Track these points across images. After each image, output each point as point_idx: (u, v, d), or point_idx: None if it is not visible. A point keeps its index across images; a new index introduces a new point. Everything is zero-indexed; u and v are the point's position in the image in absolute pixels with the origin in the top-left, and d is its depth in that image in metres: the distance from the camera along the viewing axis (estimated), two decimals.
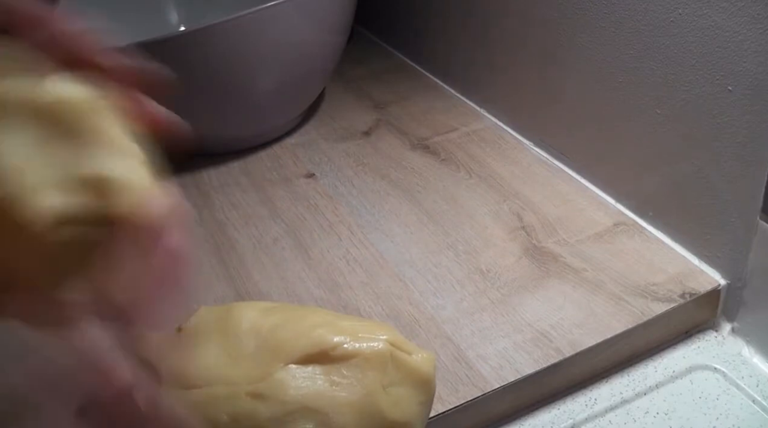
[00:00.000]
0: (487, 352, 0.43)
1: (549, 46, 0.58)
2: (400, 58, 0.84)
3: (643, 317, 0.45)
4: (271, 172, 0.64)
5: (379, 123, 0.70)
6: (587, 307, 0.46)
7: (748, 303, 0.46)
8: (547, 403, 0.44)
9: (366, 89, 0.77)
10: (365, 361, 0.35)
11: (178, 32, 0.57)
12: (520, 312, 0.46)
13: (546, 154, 0.62)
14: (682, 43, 0.45)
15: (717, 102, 0.44)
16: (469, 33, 0.69)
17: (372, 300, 0.48)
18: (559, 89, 0.58)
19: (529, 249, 0.51)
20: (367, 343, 0.36)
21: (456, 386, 0.41)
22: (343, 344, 0.36)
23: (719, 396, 0.43)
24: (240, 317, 0.37)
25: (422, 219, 0.55)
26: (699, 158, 0.47)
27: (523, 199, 0.57)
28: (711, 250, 0.48)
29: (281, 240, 0.54)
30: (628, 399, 0.43)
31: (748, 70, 0.42)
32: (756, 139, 0.42)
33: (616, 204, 0.55)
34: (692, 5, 0.44)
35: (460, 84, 0.74)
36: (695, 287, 0.47)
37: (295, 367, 0.35)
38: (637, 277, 0.48)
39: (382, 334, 0.37)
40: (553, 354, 0.43)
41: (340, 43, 0.68)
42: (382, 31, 0.89)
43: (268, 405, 0.34)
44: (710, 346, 0.47)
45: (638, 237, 0.51)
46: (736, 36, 0.42)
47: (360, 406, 0.34)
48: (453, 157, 0.63)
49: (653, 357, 0.46)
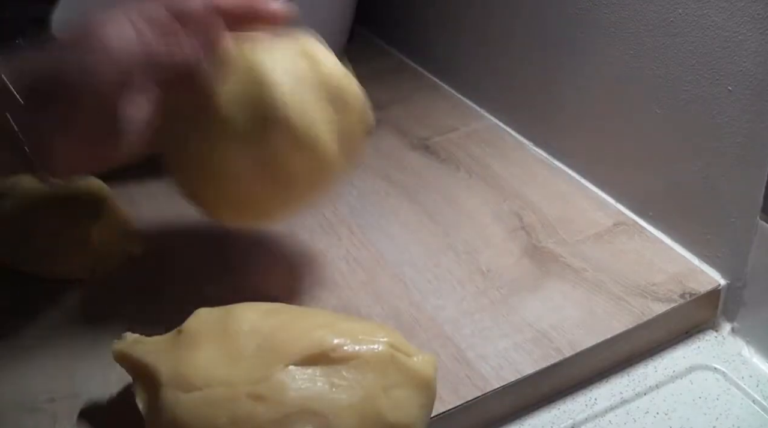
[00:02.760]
0: (487, 352, 0.43)
1: (549, 47, 0.58)
2: (400, 58, 0.84)
3: (643, 317, 0.45)
4: None
5: (379, 123, 0.69)
6: (587, 307, 0.46)
7: (748, 303, 0.46)
8: (547, 403, 0.44)
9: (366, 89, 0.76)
10: (365, 363, 0.35)
11: None
12: (520, 312, 0.46)
13: (546, 154, 0.62)
14: (682, 43, 0.45)
15: (717, 102, 0.44)
16: (469, 33, 0.69)
17: (372, 300, 0.48)
18: (560, 89, 0.58)
19: (529, 249, 0.51)
20: (368, 345, 0.36)
21: (456, 386, 0.41)
22: (343, 346, 0.36)
23: (719, 396, 0.43)
24: (240, 318, 0.37)
25: (422, 219, 0.55)
26: (699, 158, 0.47)
27: (523, 198, 0.57)
28: (711, 250, 0.48)
29: (281, 240, 0.54)
30: (628, 399, 0.43)
31: (748, 70, 0.42)
32: (756, 139, 0.43)
33: (616, 204, 0.55)
34: (692, 5, 0.44)
35: (460, 84, 0.74)
36: (695, 287, 0.47)
37: (295, 369, 0.35)
38: (637, 277, 0.48)
39: (383, 336, 0.37)
40: (553, 354, 0.43)
41: (340, 43, 0.68)
42: (382, 31, 0.89)
43: (267, 407, 0.34)
44: (710, 346, 0.47)
45: (638, 237, 0.51)
46: (736, 36, 0.42)
47: (360, 409, 0.34)
48: (453, 157, 0.63)
49: (653, 357, 0.46)
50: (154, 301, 0.48)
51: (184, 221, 0.57)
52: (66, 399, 0.42)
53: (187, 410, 0.34)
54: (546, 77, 0.60)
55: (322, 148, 0.41)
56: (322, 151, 0.41)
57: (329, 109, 0.42)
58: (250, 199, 0.43)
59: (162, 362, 0.36)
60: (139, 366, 0.37)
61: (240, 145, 0.40)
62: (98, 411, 0.41)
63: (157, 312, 0.47)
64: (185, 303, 0.48)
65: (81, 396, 0.42)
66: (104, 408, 0.41)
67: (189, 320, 0.38)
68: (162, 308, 0.47)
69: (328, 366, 0.35)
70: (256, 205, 0.44)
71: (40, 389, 0.42)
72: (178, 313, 0.41)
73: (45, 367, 0.44)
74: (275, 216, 0.47)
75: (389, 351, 0.36)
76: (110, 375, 0.41)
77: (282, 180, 0.41)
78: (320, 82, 0.42)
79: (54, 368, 0.44)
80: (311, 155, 0.41)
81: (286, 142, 0.40)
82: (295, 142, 0.40)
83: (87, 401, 0.41)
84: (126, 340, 0.39)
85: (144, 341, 0.38)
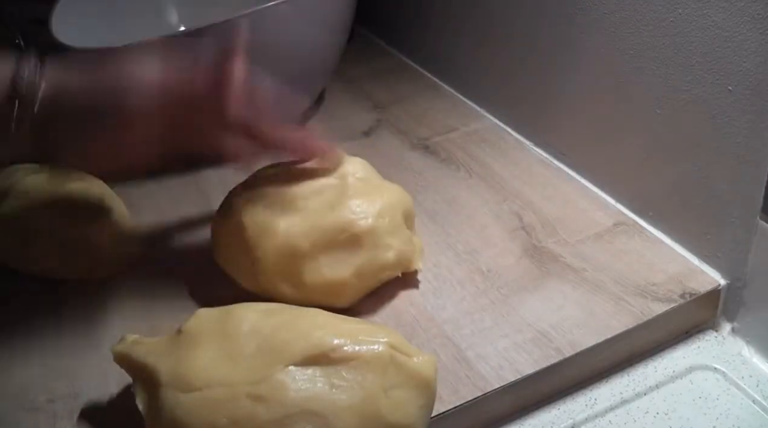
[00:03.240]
0: (487, 352, 0.43)
1: (549, 47, 0.58)
2: (400, 58, 0.84)
3: (643, 317, 0.45)
4: None
5: (379, 123, 0.70)
6: (587, 307, 0.46)
7: (748, 303, 0.46)
8: (547, 403, 0.44)
9: (366, 89, 0.77)
10: (365, 364, 0.35)
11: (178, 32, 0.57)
12: (520, 312, 0.46)
13: (546, 154, 0.62)
14: (683, 43, 0.45)
15: (717, 102, 0.44)
16: (469, 33, 0.69)
17: (372, 301, 0.48)
18: (560, 89, 0.58)
19: (529, 249, 0.51)
20: (368, 346, 0.36)
21: (456, 386, 0.41)
22: (343, 346, 0.36)
23: (719, 396, 0.43)
24: (240, 318, 0.37)
25: (422, 219, 0.55)
26: (699, 158, 0.47)
27: (523, 199, 0.57)
28: (711, 250, 0.48)
29: None
30: (628, 399, 0.43)
31: (748, 70, 0.42)
32: (756, 139, 0.42)
33: (616, 204, 0.55)
34: (692, 5, 0.44)
35: (460, 84, 0.74)
36: (695, 287, 0.47)
37: (295, 369, 0.35)
38: (637, 277, 0.48)
39: (383, 337, 0.37)
40: (553, 354, 0.43)
41: (340, 43, 0.68)
42: (382, 31, 0.89)
43: (267, 408, 0.34)
44: (710, 346, 0.47)
45: (638, 237, 0.51)
46: (736, 36, 0.42)
47: (360, 409, 0.34)
48: (453, 157, 0.63)
49: (653, 357, 0.46)
50: (153, 302, 0.48)
51: (184, 221, 0.57)
52: (66, 399, 0.42)
53: (186, 410, 0.34)
54: (546, 77, 0.60)
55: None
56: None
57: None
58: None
59: (162, 363, 0.36)
60: (139, 366, 0.37)
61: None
62: (98, 411, 0.41)
63: (157, 312, 0.47)
64: (185, 303, 0.48)
65: (81, 396, 0.42)
66: (104, 408, 0.41)
67: (189, 320, 0.38)
68: (161, 309, 0.47)
69: (328, 366, 0.35)
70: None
71: (40, 389, 0.42)
72: (178, 314, 0.41)
73: (45, 367, 0.44)
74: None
75: (389, 352, 0.36)
76: (110, 375, 0.41)
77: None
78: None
79: (54, 368, 0.44)
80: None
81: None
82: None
83: (87, 401, 0.41)
84: (126, 341, 0.39)
85: (144, 342, 0.38)
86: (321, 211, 0.45)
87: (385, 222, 0.45)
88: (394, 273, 0.46)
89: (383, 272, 0.46)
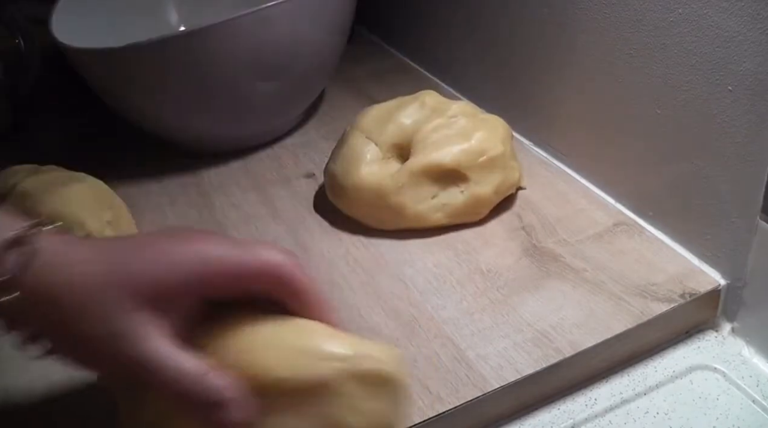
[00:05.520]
0: (487, 352, 0.43)
1: (549, 47, 0.58)
2: (400, 58, 0.84)
3: (643, 317, 0.45)
4: (271, 172, 0.64)
5: None
6: (587, 307, 0.46)
7: (748, 303, 0.46)
8: (547, 403, 0.44)
9: (366, 89, 0.77)
10: (322, 388, 0.33)
11: (178, 32, 0.57)
12: (520, 312, 0.46)
13: (546, 154, 0.62)
14: (682, 43, 0.45)
15: (717, 102, 0.44)
16: (469, 33, 0.69)
17: (372, 300, 0.48)
18: (559, 89, 0.58)
19: (529, 249, 0.51)
20: (311, 370, 0.33)
21: (456, 386, 0.41)
22: (289, 380, 0.33)
23: (719, 396, 0.43)
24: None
25: None
26: (699, 158, 0.47)
27: (523, 198, 0.57)
28: (711, 250, 0.48)
29: (281, 240, 0.54)
30: (628, 399, 0.43)
31: (748, 70, 0.42)
32: (756, 139, 0.42)
33: (616, 204, 0.55)
34: (692, 5, 0.44)
35: (460, 84, 0.74)
36: (695, 287, 0.47)
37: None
38: (637, 277, 0.48)
39: (336, 349, 0.34)
40: (553, 354, 0.43)
41: (340, 43, 0.68)
42: (382, 31, 0.89)
43: None
44: (710, 346, 0.47)
45: (638, 237, 0.51)
46: (736, 36, 0.42)
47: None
48: None
49: (653, 357, 0.46)
50: None
51: (183, 222, 0.57)
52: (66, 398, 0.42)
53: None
54: (546, 78, 0.60)
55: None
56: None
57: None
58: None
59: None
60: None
61: None
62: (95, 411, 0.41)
63: None
64: None
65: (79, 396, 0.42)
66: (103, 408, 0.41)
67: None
68: None
69: (287, 408, 0.33)
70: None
71: (40, 389, 0.42)
72: None
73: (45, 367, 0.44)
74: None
75: (338, 367, 0.33)
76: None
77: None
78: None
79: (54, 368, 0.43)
80: None
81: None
82: None
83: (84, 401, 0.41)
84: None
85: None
86: (456, 139, 0.53)
87: (508, 149, 0.54)
88: (513, 190, 0.55)
89: (510, 189, 0.55)
